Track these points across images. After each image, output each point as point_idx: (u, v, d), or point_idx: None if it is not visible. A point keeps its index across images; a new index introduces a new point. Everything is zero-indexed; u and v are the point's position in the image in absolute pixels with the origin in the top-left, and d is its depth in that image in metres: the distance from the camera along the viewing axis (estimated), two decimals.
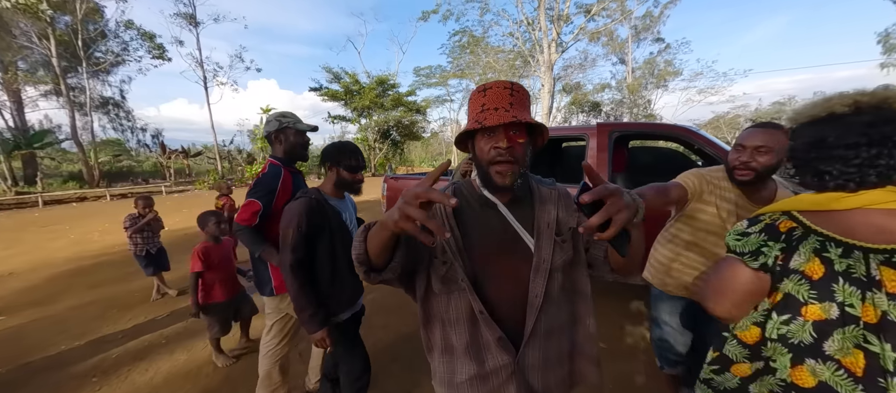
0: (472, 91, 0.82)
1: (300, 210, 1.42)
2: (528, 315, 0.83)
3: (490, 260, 0.84)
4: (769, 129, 1.21)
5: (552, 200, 0.89)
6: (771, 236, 0.72)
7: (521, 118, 0.72)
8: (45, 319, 3.27)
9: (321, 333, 1.45)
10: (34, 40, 17.70)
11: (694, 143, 2.68)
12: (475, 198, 0.89)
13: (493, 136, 0.77)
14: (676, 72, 25.15)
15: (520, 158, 0.78)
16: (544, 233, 0.86)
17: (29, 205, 12.73)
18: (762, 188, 1.28)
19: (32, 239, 6.93)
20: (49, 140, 19.06)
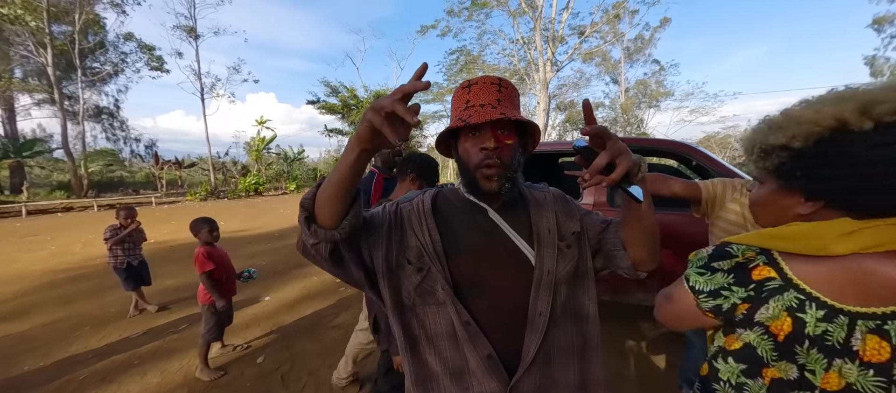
0: (456, 88, 0.73)
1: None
2: (528, 337, 0.70)
3: (479, 269, 0.72)
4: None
5: (548, 203, 0.79)
6: (738, 280, 0.57)
7: (509, 115, 0.64)
8: (10, 337, 3.06)
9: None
10: (31, 49, 17.66)
11: (692, 158, 2.64)
12: (461, 201, 0.78)
13: (479, 136, 0.68)
14: (668, 92, 25.78)
15: (509, 161, 0.69)
16: (545, 240, 0.74)
17: (11, 214, 12.38)
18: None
19: (8, 250, 6.67)
20: (39, 149, 18.79)
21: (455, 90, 0.73)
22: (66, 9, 17.87)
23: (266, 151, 23.95)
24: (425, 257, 0.71)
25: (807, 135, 0.56)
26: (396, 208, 0.77)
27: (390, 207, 0.78)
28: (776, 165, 0.61)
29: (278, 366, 2.54)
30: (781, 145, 0.59)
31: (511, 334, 0.71)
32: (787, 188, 0.62)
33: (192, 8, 21.72)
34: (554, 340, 0.73)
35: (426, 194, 0.80)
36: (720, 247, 0.61)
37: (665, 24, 23.48)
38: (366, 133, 0.54)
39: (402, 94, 0.51)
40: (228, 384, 2.35)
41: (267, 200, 17.88)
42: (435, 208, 0.77)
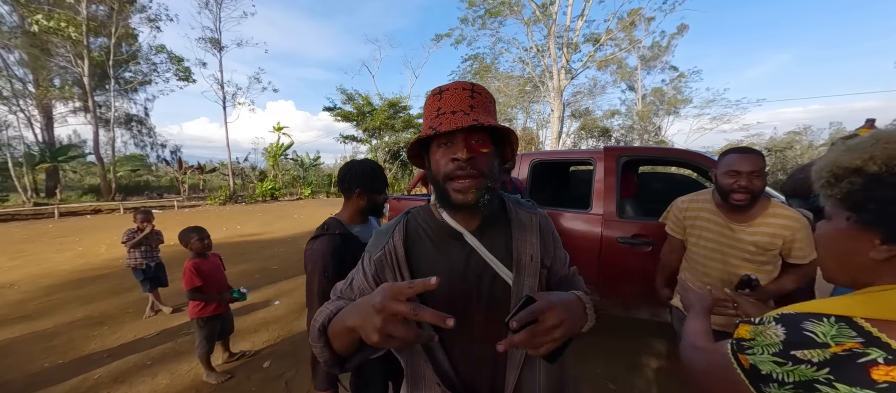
0: (428, 95, 0.69)
1: (324, 251, 1.26)
2: (509, 372, 0.67)
3: (458, 306, 0.67)
4: (754, 154, 1.30)
5: (533, 227, 0.74)
6: (845, 377, 0.42)
7: (483, 121, 0.60)
8: (34, 335, 3.19)
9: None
10: (69, 60, 18.78)
11: (707, 168, 2.54)
12: (434, 229, 0.73)
13: (451, 146, 0.64)
14: (686, 99, 25.11)
15: (485, 171, 0.64)
16: (526, 267, 0.69)
17: (45, 216, 13.06)
18: (751, 209, 1.35)
19: (39, 250, 7.01)
20: (73, 154, 19.86)
21: (427, 97, 0.69)
22: (104, 22, 18.95)
23: (283, 158, 24.54)
24: None
25: (889, 157, 0.45)
26: (373, 272, 0.72)
27: (368, 267, 0.72)
28: (845, 194, 0.51)
29: (283, 372, 2.55)
30: (855, 168, 0.49)
31: (495, 370, 0.68)
32: (859, 225, 0.50)
33: (218, 21, 22.67)
34: (533, 375, 0.69)
35: (398, 233, 0.73)
36: (797, 330, 0.47)
37: (683, 31, 23.01)
38: (365, 339, 0.51)
39: (406, 295, 0.47)
40: (234, 388, 2.37)
41: (282, 204, 18.27)
42: (408, 248, 0.72)
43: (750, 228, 1.35)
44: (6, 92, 18.07)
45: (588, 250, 2.53)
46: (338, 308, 0.62)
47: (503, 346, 0.49)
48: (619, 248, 2.43)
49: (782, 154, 20.61)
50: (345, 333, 0.56)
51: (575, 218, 2.69)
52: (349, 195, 1.38)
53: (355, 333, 0.53)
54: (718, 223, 1.42)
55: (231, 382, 2.44)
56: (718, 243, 1.41)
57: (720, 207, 1.42)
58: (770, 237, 1.31)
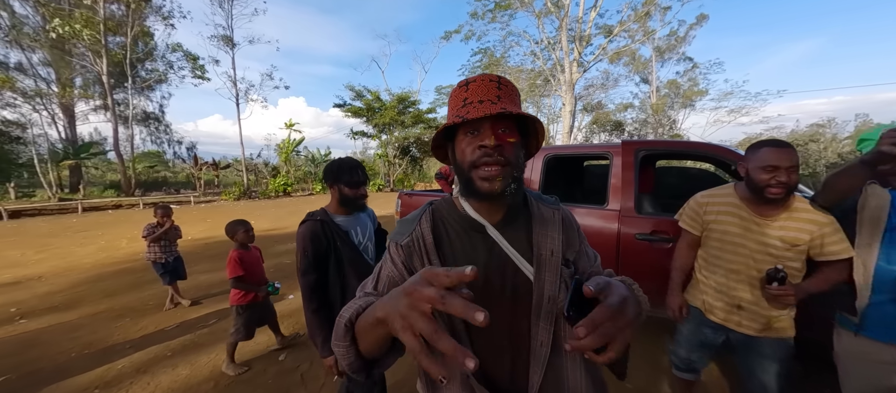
0: (454, 87, 0.68)
1: (305, 234, 1.42)
2: (533, 369, 0.65)
3: (482, 299, 0.63)
4: (790, 148, 1.27)
5: (555, 222, 0.72)
6: None
7: (511, 110, 0.59)
8: (61, 326, 3.31)
9: (331, 359, 1.41)
10: (88, 59, 19.34)
11: (731, 162, 2.45)
12: (457, 221, 0.72)
13: (477, 135, 0.63)
14: (702, 91, 24.40)
15: (512, 160, 0.62)
16: (546, 263, 0.67)
17: (69, 211, 13.54)
18: (773, 203, 1.33)
19: (64, 244, 7.27)
20: (94, 151, 20.53)
21: (453, 89, 0.68)
22: (121, 22, 19.43)
23: (294, 154, 24.88)
24: None
25: None
26: (403, 256, 0.69)
27: (397, 254, 0.70)
28: None
29: (298, 364, 2.59)
30: None
31: (519, 367, 0.66)
32: None
33: (230, 19, 22.98)
34: (560, 375, 0.67)
35: (425, 221, 0.72)
36: None
37: (702, 21, 22.27)
38: (393, 331, 0.44)
39: (442, 282, 0.40)
40: (251, 380, 2.41)
41: (295, 200, 18.54)
42: (436, 235, 0.71)
43: (776, 222, 1.33)
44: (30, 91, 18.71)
45: (604, 247, 2.48)
46: (367, 303, 0.59)
47: (571, 346, 0.42)
48: (638, 244, 2.37)
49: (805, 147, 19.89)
50: (373, 327, 0.50)
51: (589, 214, 2.64)
52: (330, 189, 1.54)
53: (384, 326, 0.47)
54: (744, 218, 1.39)
55: (248, 374, 2.49)
56: (744, 238, 1.38)
57: (746, 202, 1.39)
58: (797, 232, 1.29)
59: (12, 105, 18.50)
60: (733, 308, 1.43)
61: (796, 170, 1.26)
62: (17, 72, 18.56)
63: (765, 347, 1.38)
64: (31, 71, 18.99)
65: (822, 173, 13.02)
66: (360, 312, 0.56)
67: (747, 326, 1.40)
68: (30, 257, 6.10)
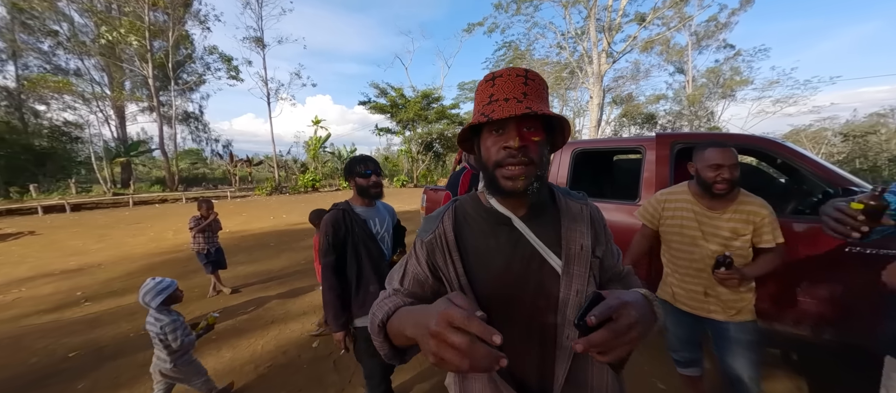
0: (480, 81, 0.68)
1: (328, 220, 1.59)
2: (558, 363, 0.65)
3: (507, 290, 0.67)
4: (725, 149, 1.44)
5: (583, 218, 0.72)
6: None
7: (536, 110, 0.59)
8: (120, 309, 3.64)
9: (340, 334, 1.56)
10: (136, 63, 20.81)
11: (777, 156, 2.30)
12: (482, 214, 0.73)
13: (502, 134, 0.63)
14: (746, 80, 22.76)
15: (536, 160, 0.63)
16: (576, 257, 0.67)
17: (122, 204, 14.73)
18: (722, 198, 1.49)
19: (119, 235, 7.93)
20: (143, 149, 22.14)
21: (479, 83, 0.68)
22: (162, 28, 20.74)
23: (322, 150, 25.68)
24: (449, 292, 0.69)
25: None
26: (426, 255, 0.72)
27: (420, 252, 0.73)
28: None
29: (331, 351, 2.71)
30: None
31: (543, 361, 0.67)
32: None
33: (260, 20, 23.93)
34: (586, 372, 0.67)
35: (447, 218, 0.74)
36: None
37: (747, 5, 20.69)
38: (420, 347, 0.49)
39: (458, 324, 0.43)
40: (287, 365, 2.56)
41: (323, 195, 19.16)
42: (457, 232, 0.72)
43: (725, 215, 1.49)
44: (87, 94, 20.41)
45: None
46: (395, 306, 0.63)
47: (581, 346, 0.45)
48: None
49: (863, 139, 18.16)
50: (404, 338, 0.57)
51: (619, 209, 2.57)
52: (349, 183, 1.70)
53: (414, 341, 0.53)
54: (697, 212, 1.55)
55: (285, 358, 2.64)
56: (698, 230, 1.54)
57: (698, 197, 1.56)
58: (742, 223, 1.46)
59: (72, 107, 20.29)
60: (700, 295, 1.56)
61: (737, 167, 1.42)
62: (75, 77, 20.34)
63: (733, 332, 1.51)
64: (88, 75, 20.71)
65: (884, 168, 11.82)
66: (391, 313, 0.62)
67: (716, 312, 1.54)
68: (90, 246, 6.71)
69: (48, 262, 5.63)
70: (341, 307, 1.55)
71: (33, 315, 3.53)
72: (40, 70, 19.33)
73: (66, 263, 5.49)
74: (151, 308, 1.88)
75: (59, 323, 3.33)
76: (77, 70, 20.55)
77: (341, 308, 1.55)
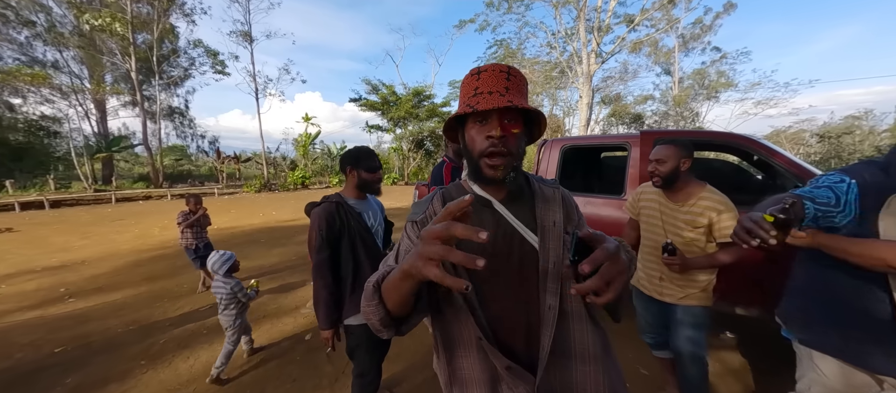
0: (466, 74, 0.74)
1: (320, 213, 1.52)
2: (543, 332, 0.70)
3: (490, 270, 0.71)
4: (665, 145, 1.61)
5: (555, 199, 0.80)
6: None
7: (517, 103, 0.65)
8: (107, 305, 3.59)
9: (329, 332, 1.53)
10: (118, 57, 20.21)
11: (755, 153, 2.42)
12: None
13: (485, 124, 0.70)
14: (730, 83, 23.39)
15: (514, 150, 0.70)
16: (550, 231, 0.75)
17: (104, 201, 14.33)
18: (678, 189, 1.63)
19: (103, 232, 7.75)
20: (125, 145, 21.54)
21: (465, 76, 0.74)
22: (146, 20, 20.18)
23: (311, 147, 25.40)
24: (444, 269, 0.71)
25: None
26: (418, 232, 0.77)
27: (412, 233, 0.79)
28: None
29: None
30: None
31: (530, 330, 0.71)
32: None
33: (247, 14, 23.49)
34: (567, 336, 0.71)
35: (436, 202, 0.81)
36: None
37: (730, 9, 21.26)
38: (422, 276, 0.52)
39: (449, 216, 0.50)
40: (281, 356, 2.58)
41: (312, 192, 18.99)
42: None
43: (684, 207, 1.61)
44: (66, 87, 19.74)
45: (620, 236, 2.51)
46: (389, 269, 0.67)
47: (575, 289, 0.50)
48: None
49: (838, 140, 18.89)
50: (399, 282, 0.58)
51: (607, 204, 2.66)
52: (345, 173, 1.64)
53: (409, 278, 0.55)
54: (661, 203, 1.71)
55: (278, 351, 2.66)
56: (660, 221, 1.71)
57: (663, 190, 1.70)
58: (698, 216, 1.56)
59: (50, 100, 19.61)
60: (656, 279, 1.71)
61: (662, 162, 1.59)
62: (52, 69, 19.63)
63: (679, 313, 1.65)
64: (66, 68, 20.03)
65: None
66: (385, 275, 0.65)
67: (668, 295, 1.68)
68: (74, 243, 6.55)
69: (30, 259, 5.49)
70: (334, 305, 1.51)
71: (17, 312, 3.46)
72: (16, 62, 18.61)
73: (49, 260, 5.36)
74: (219, 275, 2.38)
75: (45, 319, 3.28)
76: (55, 62, 19.87)
77: (334, 306, 1.51)
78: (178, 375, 2.37)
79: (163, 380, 2.32)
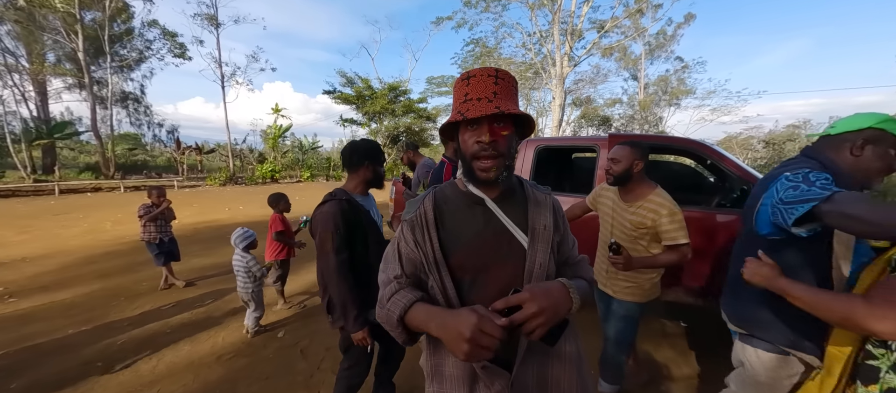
0: (457, 79, 0.77)
1: (334, 213, 1.43)
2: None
3: (479, 258, 0.78)
4: (621, 146, 1.66)
5: (547, 205, 0.84)
6: None
7: (505, 109, 0.68)
8: (54, 305, 3.32)
9: (363, 332, 1.47)
10: (61, 34, 18.36)
11: (707, 158, 2.64)
12: (460, 196, 0.83)
13: (476, 129, 0.72)
14: (689, 90, 24.98)
15: (504, 152, 0.73)
16: (540, 235, 0.79)
17: (46, 193, 13.05)
18: (630, 189, 1.69)
19: (46, 226, 7.09)
20: (69, 131, 19.62)
21: (456, 81, 0.77)
22: None
23: (282, 140, 24.41)
24: (427, 267, 0.78)
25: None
26: (411, 234, 0.82)
27: (408, 234, 0.82)
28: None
29: (298, 341, 2.70)
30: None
31: (510, 330, 0.75)
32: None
33: None
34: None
35: (428, 201, 0.83)
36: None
37: (690, 20, 22.68)
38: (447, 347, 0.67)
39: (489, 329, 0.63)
40: (253, 354, 2.52)
41: (282, 187, 18.29)
42: (437, 212, 0.82)
43: (632, 207, 1.67)
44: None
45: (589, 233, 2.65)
46: (409, 302, 0.74)
47: (500, 323, 0.64)
48: None
49: (781, 147, 20.73)
50: (424, 327, 0.72)
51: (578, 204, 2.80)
52: (356, 169, 1.57)
53: (437, 335, 0.69)
54: (614, 201, 1.78)
55: (249, 349, 2.59)
56: (611, 218, 1.79)
57: (618, 190, 1.77)
58: (642, 218, 1.61)
59: None
60: (603, 274, 1.82)
61: (616, 162, 1.65)
62: None
63: (614, 305, 1.79)
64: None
65: None
66: (408, 307, 0.74)
67: (609, 287, 1.81)
68: (10, 238, 5.95)
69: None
70: (362, 305, 1.44)
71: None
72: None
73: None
74: (239, 249, 2.70)
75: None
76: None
77: (362, 306, 1.44)
78: (139, 377, 2.25)
79: (123, 382, 2.20)
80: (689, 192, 3.49)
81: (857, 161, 1.06)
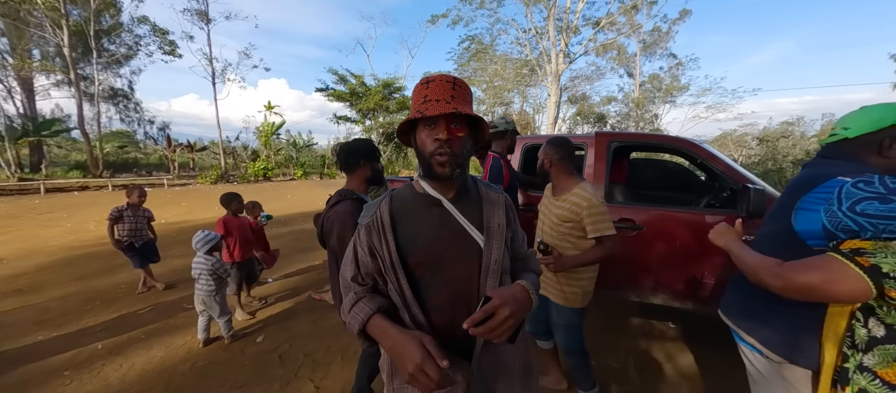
0: (417, 83, 0.82)
1: (352, 210, 1.44)
2: None
3: (435, 257, 0.82)
4: (544, 144, 1.71)
5: (500, 204, 0.89)
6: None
7: (461, 110, 0.73)
8: (26, 308, 3.20)
9: None
10: (47, 30, 17.96)
11: (697, 156, 2.58)
12: (417, 198, 0.87)
13: (434, 128, 0.77)
14: (683, 87, 25.01)
15: (458, 151, 0.78)
16: (495, 232, 0.84)
17: (31, 192, 12.80)
18: (556, 185, 1.72)
19: (28, 226, 6.92)
20: (57, 128, 19.25)
21: (415, 85, 0.81)
22: None
23: (275, 137, 24.15)
24: (384, 270, 0.82)
25: None
26: (366, 239, 0.85)
27: (363, 237, 0.86)
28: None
29: (277, 346, 2.62)
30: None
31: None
32: None
33: None
34: None
35: (384, 205, 0.86)
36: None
37: (685, 16, 22.63)
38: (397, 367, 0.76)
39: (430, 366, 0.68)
40: (229, 360, 2.43)
41: (275, 185, 18.11)
42: (394, 215, 0.85)
43: (559, 201, 1.66)
44: None
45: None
46: (367, 315, 0.80)
47: (472, 332, 0.69)
48: None
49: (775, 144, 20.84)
50: (381, 341, 0.79)
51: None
52: (354, 169, 1.59)
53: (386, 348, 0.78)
54: (547, 198, 1.78)
55: (226, 355, 2.50)
56: (543, 213, 1.79)
57: (550, 186, 1.79)
58: (567, 211, 1.59)
59: None
60: (545, 277, 1.73)
61: (539, 159, 1.70)
62: None
63: (554, 315, 1.76)
64: None
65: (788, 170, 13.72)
66: (366, 322, 0.80)
67: (549, 293, 1.74)
68: None
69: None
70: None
71: None
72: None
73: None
74: (200, 253, 2.57)
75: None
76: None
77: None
78: (107, 386, 2.16)
79: (90, 391, 2.11)
80: (682, 191, 3.43)
81: (889, 162, 0.96)
